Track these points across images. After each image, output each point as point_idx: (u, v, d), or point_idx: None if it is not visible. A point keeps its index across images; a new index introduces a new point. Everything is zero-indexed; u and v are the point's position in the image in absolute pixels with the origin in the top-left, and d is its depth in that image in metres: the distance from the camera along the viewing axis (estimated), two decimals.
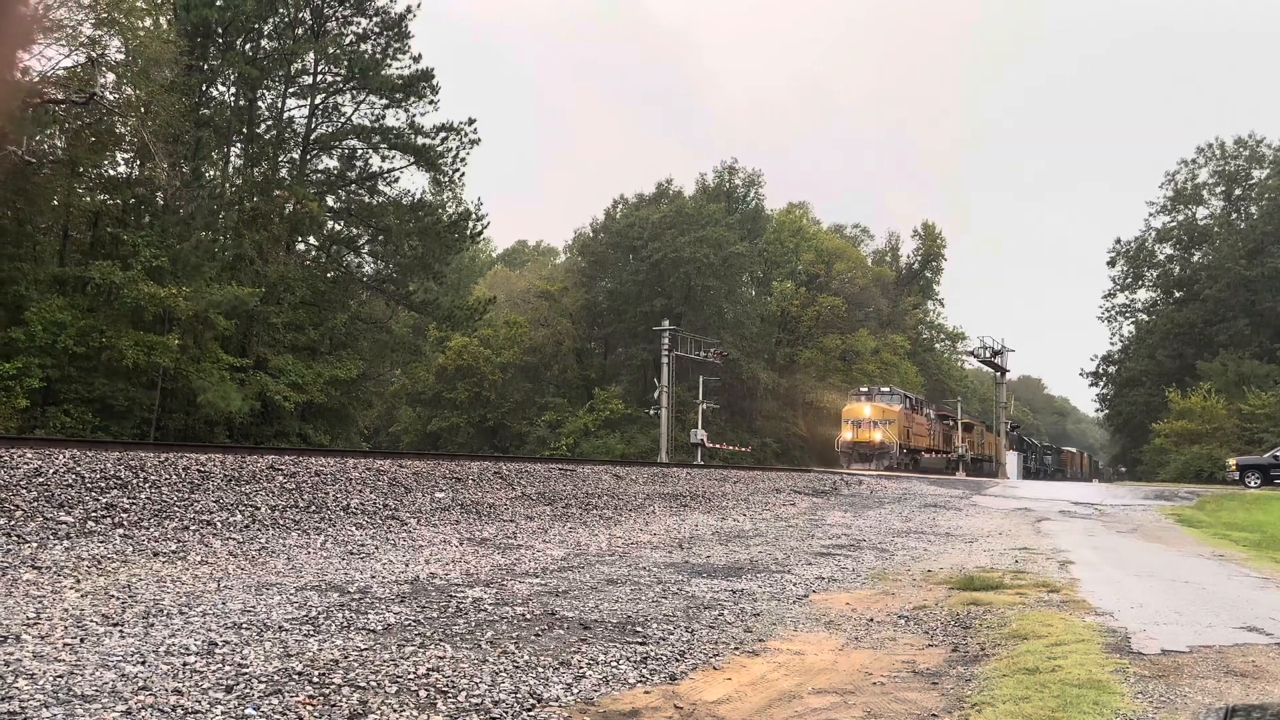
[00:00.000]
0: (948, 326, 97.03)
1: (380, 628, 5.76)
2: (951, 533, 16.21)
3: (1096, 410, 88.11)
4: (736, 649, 5.92)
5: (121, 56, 28.82)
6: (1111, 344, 76.03)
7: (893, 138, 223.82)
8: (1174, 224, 70.47)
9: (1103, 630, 6.58)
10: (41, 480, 8.63)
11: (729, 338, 58.38)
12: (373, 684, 4.51)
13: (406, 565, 8.49)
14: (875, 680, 5.29)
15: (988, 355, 57.08)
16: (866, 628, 6.91)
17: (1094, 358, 76.53)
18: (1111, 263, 73.55)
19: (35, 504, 8.19)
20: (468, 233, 43.56)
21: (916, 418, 44.35)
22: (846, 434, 41.92)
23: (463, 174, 41.94)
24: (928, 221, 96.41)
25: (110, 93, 28.52)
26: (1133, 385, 69.86)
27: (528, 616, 6.41)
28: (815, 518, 17.83)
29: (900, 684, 5.24)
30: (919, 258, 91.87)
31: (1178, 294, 69.67)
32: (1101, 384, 76.39)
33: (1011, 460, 56.91)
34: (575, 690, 4.76)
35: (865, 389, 44.30)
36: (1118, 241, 73.34)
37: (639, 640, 5.91)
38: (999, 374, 57.74)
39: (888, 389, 43.68)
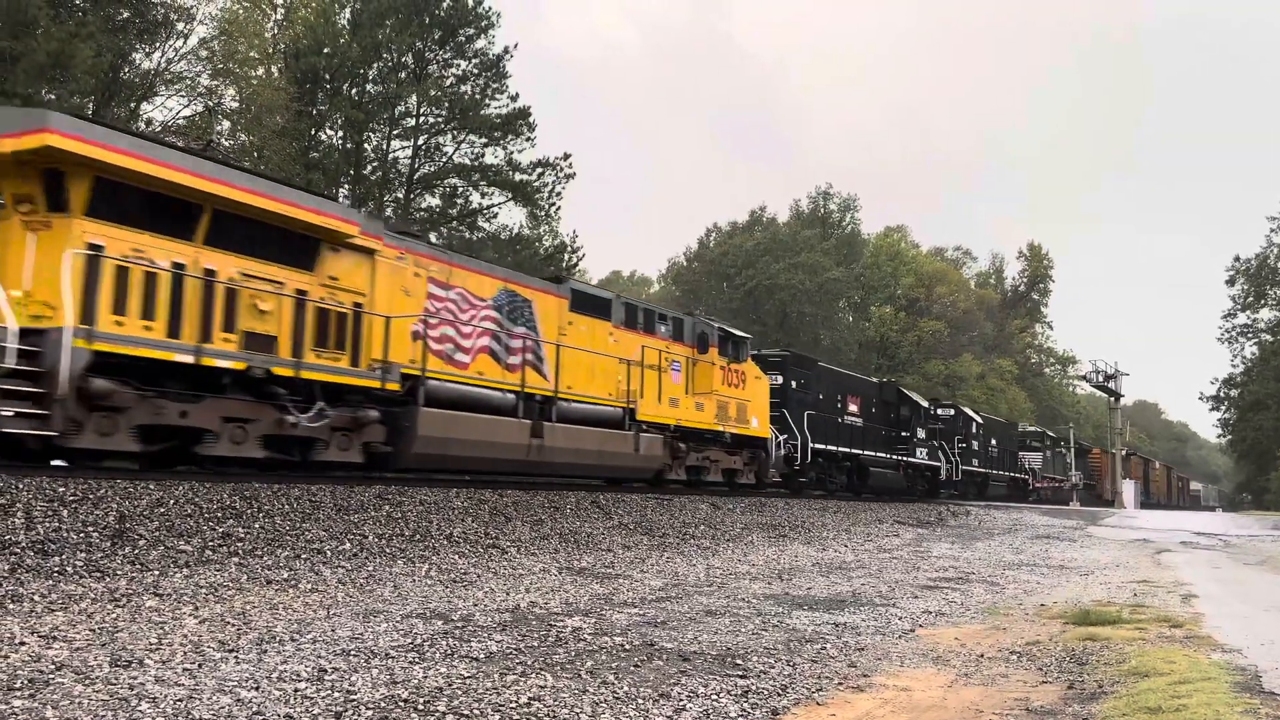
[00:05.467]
0: (1058, 350, 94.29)
1: (483, 656, 5.82)
2: (1065, 565, 15.63)
3: (1218, 436, 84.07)
4: (840, 684, 5.79)
5: (236, 105, 30.36)
6: (1233, 366, 72.47)
7: (994, 158, 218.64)
8: None
9: (1230, 668, 6.23)
10: (163, 510, 9.02)
11: None
12: (476, 712, 4.56)
13: (507, 594, 8.58)
14: (986, 718, 5.11)
15: (1100, 380, 55.04)
16: (976, 663, 6.69)
17: (1214, 381, 73.01)
18: (1230, 281, 70.32)
19: (157, 533, 8.56)
20: (564, 265, 44.16)
21: None
22: None
23: (558, 208, 42.55)
24: (1033, 241, 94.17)
25: (226, 139, 30.01)
26: (1257, 409, 66.28)
27: (626, 647, 6.40)
28: (920, 549, 17.40)
29: None
30: (1025, 279, 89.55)
31: None
32: (1223, 408, 72.81)
33: (1128, 489, 54.51)
34: None
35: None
36: (1236, 259, 70.10)
37: (739, 673, 5.84)
38: (1113, 399, 55.59)
39: None
